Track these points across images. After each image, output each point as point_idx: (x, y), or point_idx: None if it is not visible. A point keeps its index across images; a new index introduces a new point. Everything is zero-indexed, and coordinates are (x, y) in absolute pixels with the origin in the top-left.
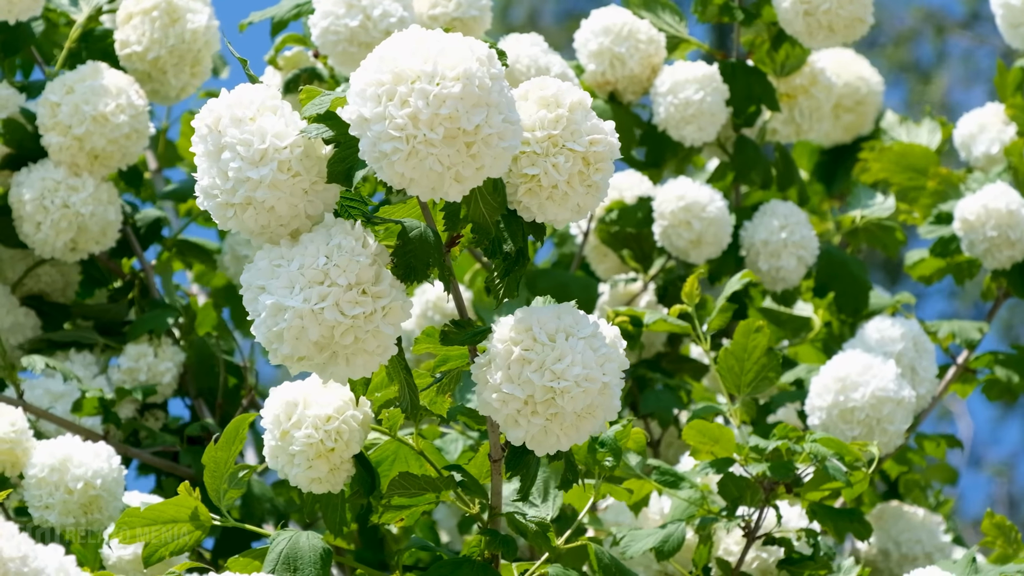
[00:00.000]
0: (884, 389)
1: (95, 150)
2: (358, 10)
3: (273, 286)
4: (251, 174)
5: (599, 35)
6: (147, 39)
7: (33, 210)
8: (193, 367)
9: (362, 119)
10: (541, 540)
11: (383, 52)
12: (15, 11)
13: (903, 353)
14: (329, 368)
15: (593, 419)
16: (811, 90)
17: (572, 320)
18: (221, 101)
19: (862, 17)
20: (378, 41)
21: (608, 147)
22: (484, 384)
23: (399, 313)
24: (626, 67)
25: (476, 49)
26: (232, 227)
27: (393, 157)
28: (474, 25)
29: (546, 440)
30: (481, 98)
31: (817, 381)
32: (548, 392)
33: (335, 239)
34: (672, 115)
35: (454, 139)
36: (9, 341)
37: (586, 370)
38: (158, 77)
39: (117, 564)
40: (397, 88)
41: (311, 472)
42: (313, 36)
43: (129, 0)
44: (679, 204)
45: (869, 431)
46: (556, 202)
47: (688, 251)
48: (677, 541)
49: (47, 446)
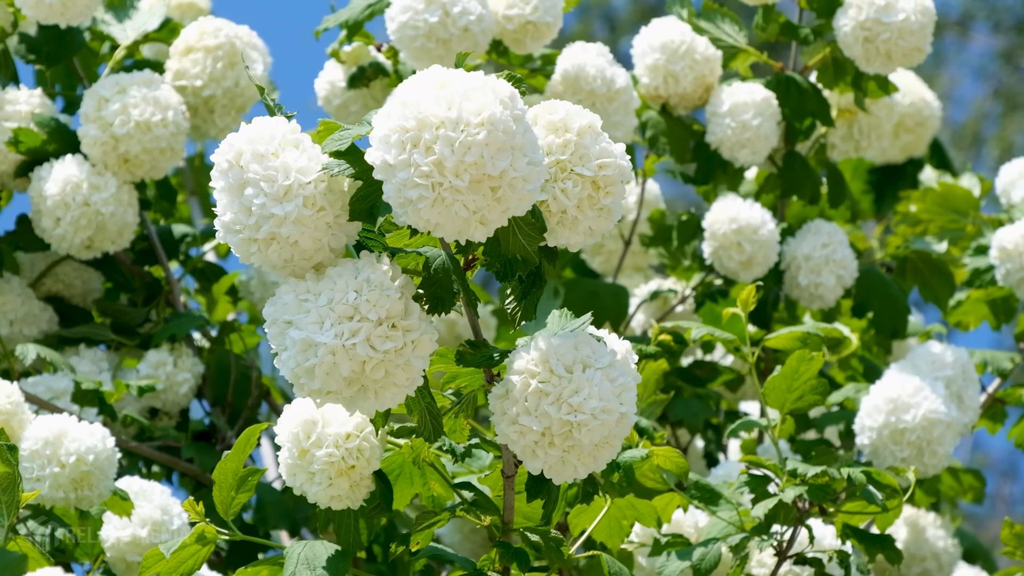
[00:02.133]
0: (935, 411)
1: (128, 154)
2: (437, 6)
3: (302, 321)
4: (275, 210)
5: (656, 50)
6: (206, 75)
7: (54, 205)
8: (213, 376)
9: (387, 165)
10: (554, 555)
11: (405, 97)
12: (68, 15)
13: (952, 379)
14: (358, 402)
15: (611, 449)
16: (872, 108)
17: (590, 351)
18: (241, 136)
19: (921, 47)
20: (456, 38)
21: (618, 170)
22: (501, 415)
23: (428, 345)
24: (680, 85)
25: (499, 91)
26: (255, 262)
27: (419, 204)
28: (546, 30)
29: (564, 470)
30: (506, 143)
31: (867, 401)
32: (565, 425)
33: (364, 273)
34: (728, 137)
35: (479, 183)
36: (23, 332)
37: (603, 402)
38: (204, 114)
39: (116, 546)
40: (422, 135)
41: (332, 490)
42: (389, 30)
43: (191, 33)
44: (731, 227)
45: (919, 452)
46: (567, 227)
47: (738, 272)
48: (713, 560)
49: (43, 420)
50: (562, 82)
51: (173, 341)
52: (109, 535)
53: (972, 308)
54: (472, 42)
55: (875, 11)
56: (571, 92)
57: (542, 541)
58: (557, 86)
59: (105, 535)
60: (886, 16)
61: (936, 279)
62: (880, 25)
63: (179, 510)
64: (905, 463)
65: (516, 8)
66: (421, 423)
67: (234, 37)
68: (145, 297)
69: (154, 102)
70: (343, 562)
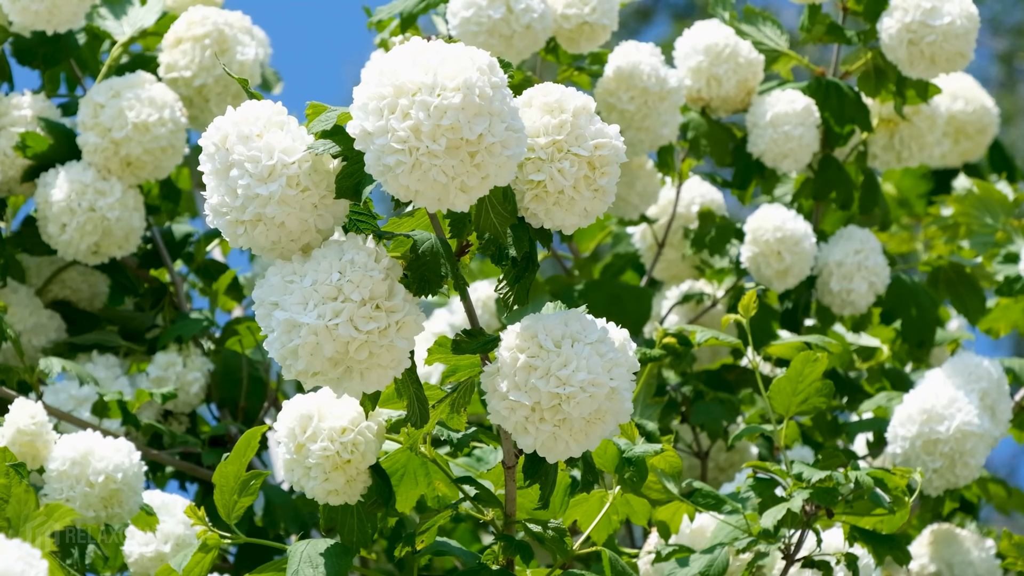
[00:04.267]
0: (969, 423)
1: (129, 157)
2: (501, 2)
3: (286, 302)
4: (260, 190)
5: (700, 52)
6: (196, 65)
7: (59, 211)
8: (219, 378)
9: (365, 133)
10: (558, 546)
11: (383, 65)
12: (55, 22)
13: (987, 392)
14: (344, 383)
15: (603, 424)
16: (913, 118)
17: (579, 326)
18: (227, 119)
19: (964, 52)
20: (518, 35)
21: (613, 151)
22: (493, 392)
23: (413, 327)
24: (722, 88)
25: (476, 59)
26: (243, 244)
27: (397, 170)
28: (601, 32)
29: (556, 446)
30: (482, 107)
31: (901, 410)
32: (554, 398)
33: (348, 254)
34: (771, 148)
35: (457, 149)
36: (32, 342)
37: (591, 375)
38: (199, 104)
39: (139, 561)
40: (398, 101)
41: (328, 484)
42: (451, 24)
43: (180, 25)
44: (776, 235)
45: (951, 463)
46: (563, 207)
47: (772, 280)
48: (722, 565)
49: (69, 440)
50: (615, 78)
51: (180, 343)
52: (132, 550)
53: (1002, 315)
54: (533, 39)
55: (921, 14)
56: (624, 88)
57: (544, 532)
58: (610, 82)
59: (128, 550)
60: (932, 19)
61: (968, 292)
62: (925, 28)
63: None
64: (937, 473)
65: (575, 8)
66: (410, 409)
67: (223, 24)
68: (153, 301)
69: (149, 102)
70: (345, 558)
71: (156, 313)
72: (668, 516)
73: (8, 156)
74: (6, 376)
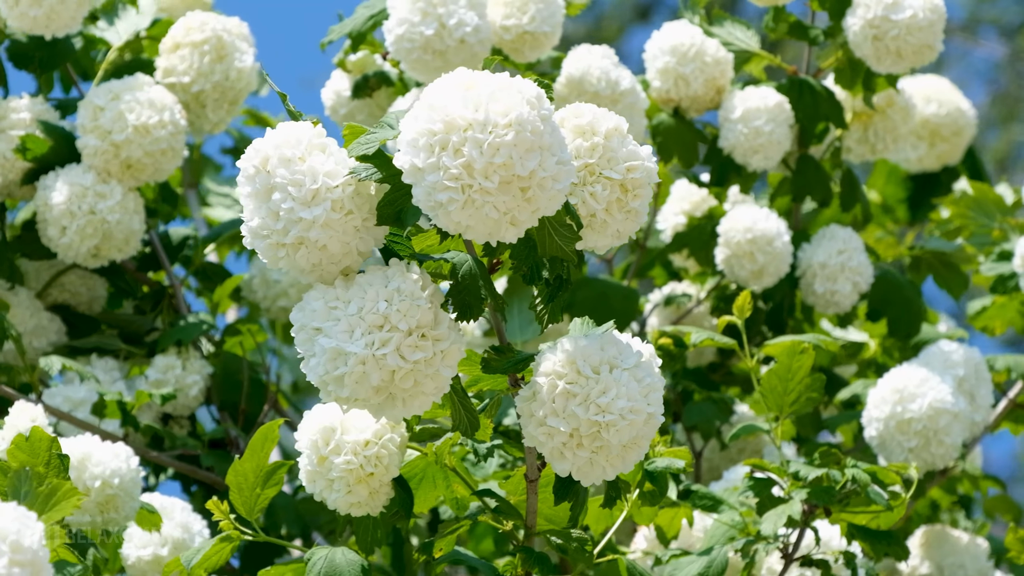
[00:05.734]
0: (941, 401)
1: (130, 159)
2: (433, 18)
3: (332, 330)
4: (304, 214)
5: (666, 53)
6: (194, 71)
7: (59, 214)
8: (219, 380)
9: (415, 169)
10: (581, 556)
11: (432, 100)
12: (53, 26)
13: (965, 378)
14: (385, 409)
15: (638, 449)
16: (887, 111)
17: (616, 352)
18: (268, 141)
19: (931, 44)
20: (452, 49)
21: (645, 173)
22: (529, 417)
23: (456, 355)
24: (691, 88)
25: (525, 91)
26: (283, 266)
27: (449, 207)
28: (544, 40)
29: (592, 471)
30: (534, 143)
31: (875, 393)
32: (593, 426)
33: (394, 282)
34: (741, 143)
35: (509, 184)
36: (33, 344)
37: (631, 403)
38: (196, 109)
39: (136, 564)
40: (450, 137)
41: (351, 497)
42: (387, 42)
43: (178, 30)
44: (746, 236)
45: (926, 442)
46: (595, 230)
47: (748, 280)
48: (721, 566)
49: (66, 444)
50: (566, 85)
51: (179, 346)
52: (130, 554)
53: (998, 313)
54: (469, 53)
55: (883, 8)
56: (575, 95)
57: (566, 543)
58: (562, 89)
59: (126, 553)
60: (894, 13)
61: (949, 272)
62: (888, 23)
63: (200, 527)
64: (913, 453)
65: (513, 19)
66: (456, 418)
67: (221, 31)
68: (152, 304)
69: (149, 104)
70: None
71: (155, 316)
72: (667, 520)
73: (8, 159)
74: (8, 376)
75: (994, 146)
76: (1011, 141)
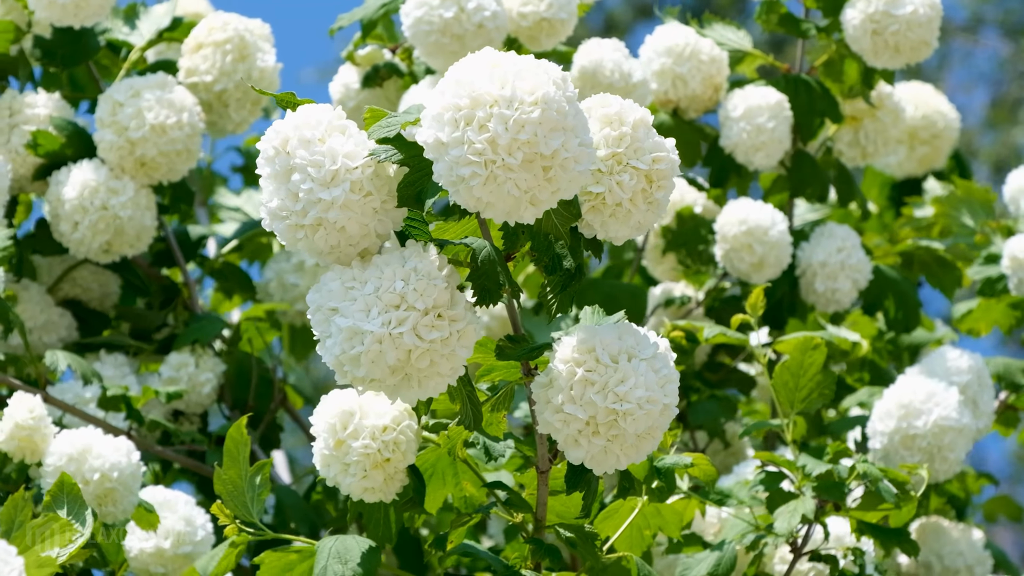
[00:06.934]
0: (947, 418)
1: (144, 157)
2: (452, 2)
3: (348, 309)
4: (323, 195)
5: (661, 55)
6: (216, 70)
7: (72, 209)
8: (232, 379)
9: (439, 143)
10: (589, 550)
11: (459, 76)
12: (81, 15)
13: (968, 385)
14: (400, 390)
15: (653, 439)
16: (877, 113)
17: (634, 341)
18: (288, 122)
19: (928, 41)
20: (470, 34)
21: (670, 164)
22: (545, 404)
23: (472, 335)
24: (688, 87)
25: (551, 72)
26: (301, 248)
27: (472, 182)
28: (560, 28)
29: (606, 460)
30: (559, 122)
31: (880, 406)
32: (611, 414)
33: (411, 262)
34: (743, 141)
35: (532, 163)
36: (42, 339)
37: (648, 392)
38: (219, 109)
39: (139, 557)
40: (476, 113)
41: (366, 482)
42: (404, 25)
43: (200, 30)
44: (741, 228)
45: (930, 458)
46: (619, 220)
47: (750, 274)
48: (730, 562)
49: (67, 436)
50: (580, 78)
51: (195, 344)
52: (132, 546)
53: (983, 315)
54: (486, 38)
55: (884, 3)
56: (589, 88)
57: (576, 536)
58: (575, 83)
59: (128, 545)
60: (895, 8)
61: (942, 270)
62: (889, 17)
63: (203, 520)
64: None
65: (531, 5)
66: (463, 411)
67: (244, 31)
68: (162, 301)
69: (168, 104)
70: (375, 557)
71: (167, 313)
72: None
73: (20, 154)
74: (14, 367)
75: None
76: (1008, 144)
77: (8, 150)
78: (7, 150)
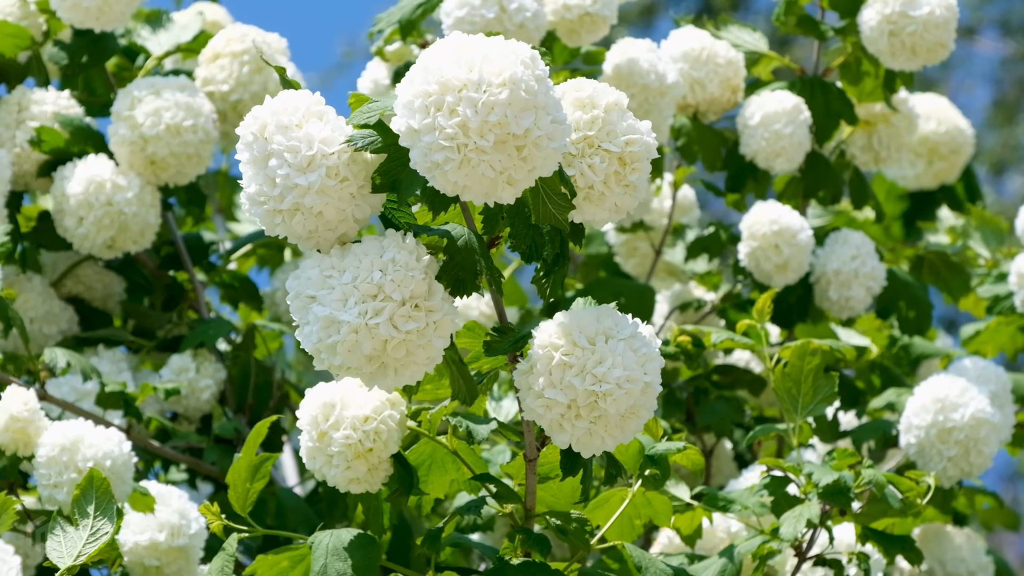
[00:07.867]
0: (983, 411)
1: (155, 156)
2: (494, 2)
3: (326, 298)
4: (299, 180)
5: (678, 60)
6: (233, 80)
7: (77, 205)
8: (236, 383)
9: (412, 131)
10: (580, 539)
11: (427, 62)
12: (104, 19)
13: (996, 394)
14: (377, 378)
15: (637, 419)
16: (891, 119)
17: (611, 322)
18: (266, 108)
19: (944, 42)
20: (511, 34)
21: (644, 147)
22: (527, 390)
23: (449, 326)
24: (706, 91)
25: (519, 52)
26: (280, 233)
27: (446, 167)
28: (602, 24)
29: (591, 442)
30: (528, 101)
31: (914, 401)
32: (591, 396)
33: (389, 252)
34: (763, 148)
35: (504, 144)
36: (43, 330)
37: (627, 371)
38: (233, 120)
39: (133, 550)
40: (444, 98)
41: (349, 473)
42: (444, 25)
43: (218, 41)
44: (772, 228)
45: (965, 452)
46: (593, 203)
47: (772, 275)
48: (734, 570)
49: (59, 427)
50: (614, 76)
51: (199, 347)
52: (127, 539)
53: (990, 337)
54: (527, 38)
55: (901, 4)
56: (624, 86)
57: (565, 524)
58: (609, 81)
59: (123, 539)
60: (912, 9)
61: (951, 274)
62: (906, 18)
63: (197, 514)
64: (951, 462)
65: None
66: (455, 387)
67: (261, 43)
68: (165, 300)
69: (187, 107)
70: (375, 549)
71: (171, 313)
72: (685, 523)
73: (24, 150)
74: (14, 364)
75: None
76: (1007, 145)
77: (14, 146)
78: (13, 146)
